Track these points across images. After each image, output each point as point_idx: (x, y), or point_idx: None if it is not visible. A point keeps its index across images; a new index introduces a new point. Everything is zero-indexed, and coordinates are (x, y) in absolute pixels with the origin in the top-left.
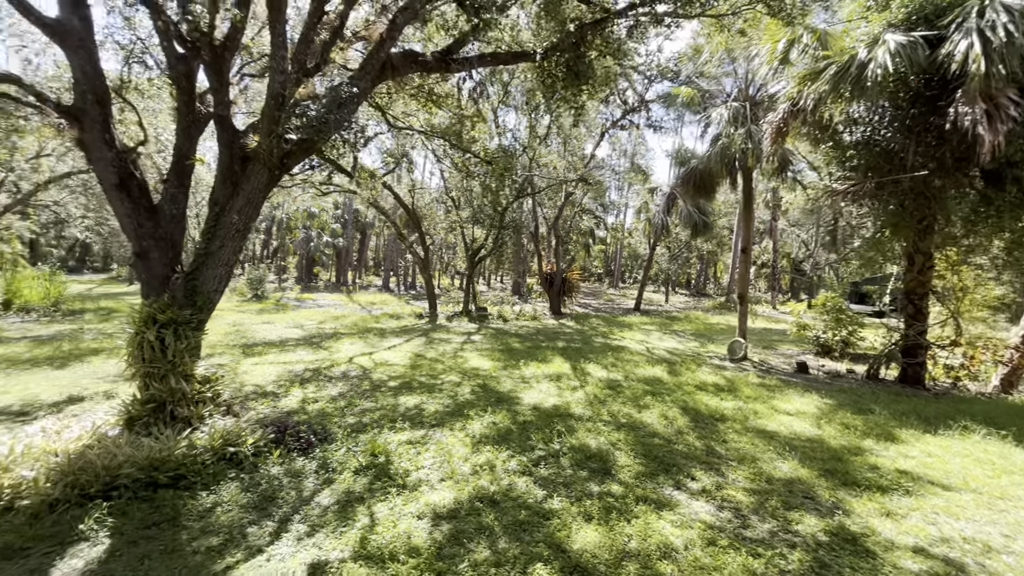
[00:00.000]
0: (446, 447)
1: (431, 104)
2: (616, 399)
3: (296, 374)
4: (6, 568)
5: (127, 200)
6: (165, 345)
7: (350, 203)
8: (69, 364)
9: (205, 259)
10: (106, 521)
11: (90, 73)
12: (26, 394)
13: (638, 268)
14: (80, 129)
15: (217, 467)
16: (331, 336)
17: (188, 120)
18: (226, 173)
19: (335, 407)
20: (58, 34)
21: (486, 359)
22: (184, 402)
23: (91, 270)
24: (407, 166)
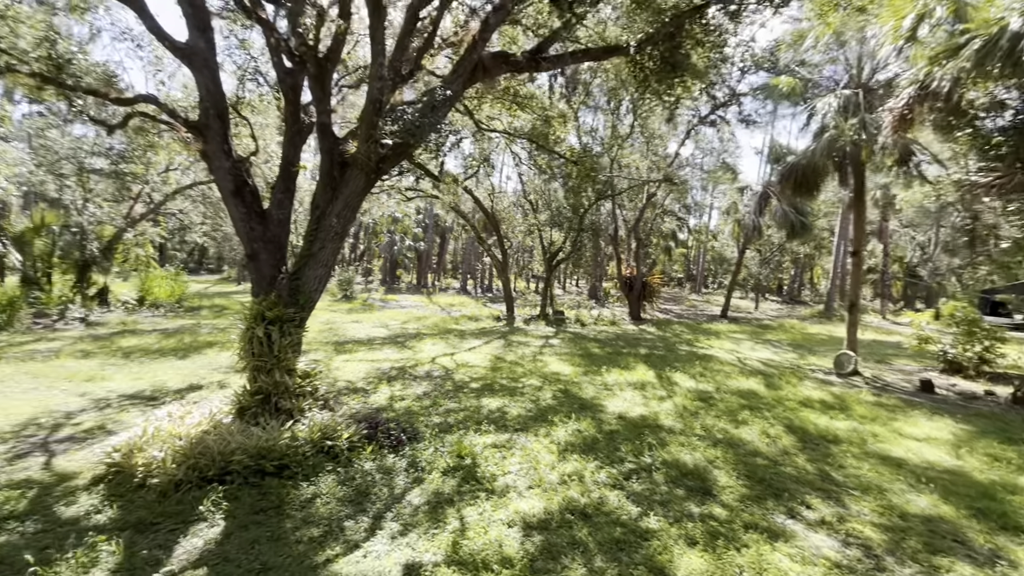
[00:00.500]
0: (532, 453)
1: (515, 107)
2: (709, 412)
3: (384, 372)
4: (139, 541)
5: (241, 205)
6: (271, 341)
7: (431, 208)
8: (189, 355)
9: (307, 260)
10: (221, 504)
11: (212, 90)
12: (156, 381)
13: (723, 273)
14: (204, 141)
15: (316, 459)
16: (414, 336)
17: (294, 130)
18: (326, 179)
19: (421, 406)
20: (187, 56)
21: (566, 364)
22: (287, 395)
23: (207, 271)
24: (487, 170)
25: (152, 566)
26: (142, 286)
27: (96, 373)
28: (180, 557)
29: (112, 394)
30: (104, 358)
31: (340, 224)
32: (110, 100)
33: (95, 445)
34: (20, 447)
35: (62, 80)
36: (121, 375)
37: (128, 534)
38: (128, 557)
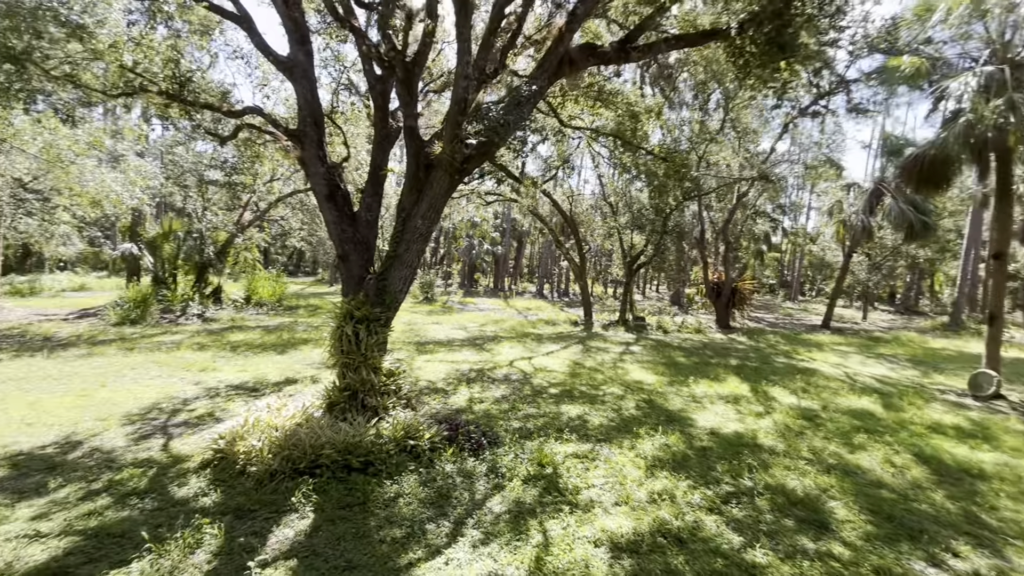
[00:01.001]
0: (617, 467)
1: (598, 103)
2: (816, 433)
3: (463, 373)
4: (238, 527)
5: (334, 209)
6: (359, 339)
7: (508, 213)
8: (287, 351)
9: (393, 261)
10: (311, 497)
11: (310, 99)
12: (258, 374)
13: (823, 279)
14: (301, 148)
15: (399, 458)
16: (492, 339)
17: (382, 135)
18: (412, 181)
19: (499, 409)
20: (288, 68)
21: (649, 372)
22: (372, 392)
23: (303, 273)
24: (566, 172)
25: (248, 553)
26: (248, 286)
27: (209, 364)
28: (272, 546)
29: (221, 384)
30: (216, 351)
31: (425, 226)
32: (223, 113)
33: (205, 431)
34: (144, 429)
35: (184, 97)
36: (229, 367)
37: (229, 519)
38: (227, 542)
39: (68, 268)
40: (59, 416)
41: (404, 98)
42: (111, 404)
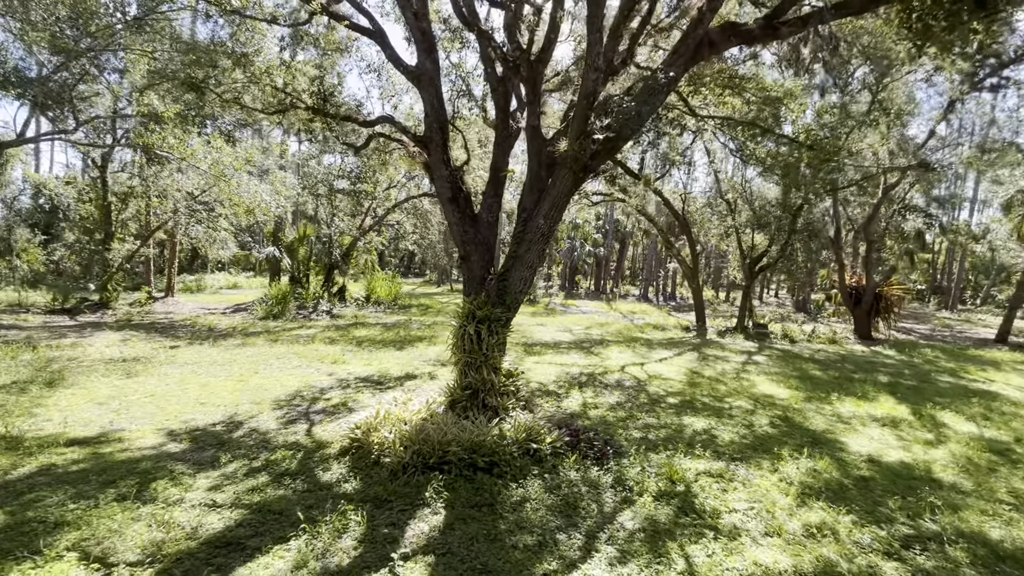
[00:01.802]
0: (760, 491)
1: (728, 91)
2: (1014, 472)
3: (573, 376)
4: (377, 516)
5: (456, 211)
6: (480, 339)
7: (611, 213)
8: (405, 347)
9: (513, 262)
10: (442, 493)
11: (436, 105)
12: (381, 368)
13: (992, 284)
14: (428, 153)
15: (522, 461)
16: (599, 343)
17: (502, 136)
18: (533, 180)
19: (616, 417)
20: (415, 76)
21: (780, 386)
22: (492, 392)
23: (412, 275)
24: (682, 167)
25: (389, 544)
26: (368, 286)
27: (339, 357)
28: (410, 540)
29: (350, 376)
30: (344, 345)
31: (547, 225)
32: (359, 123)
33: (340, 419)
34: (291, 414)
35: (327, 110)
36: (356, 360)
37: (369, 508)
38: (370, 530)
39: (224, 269)
40: (223, 398)
41: (528, 96)
42: (262, 390)
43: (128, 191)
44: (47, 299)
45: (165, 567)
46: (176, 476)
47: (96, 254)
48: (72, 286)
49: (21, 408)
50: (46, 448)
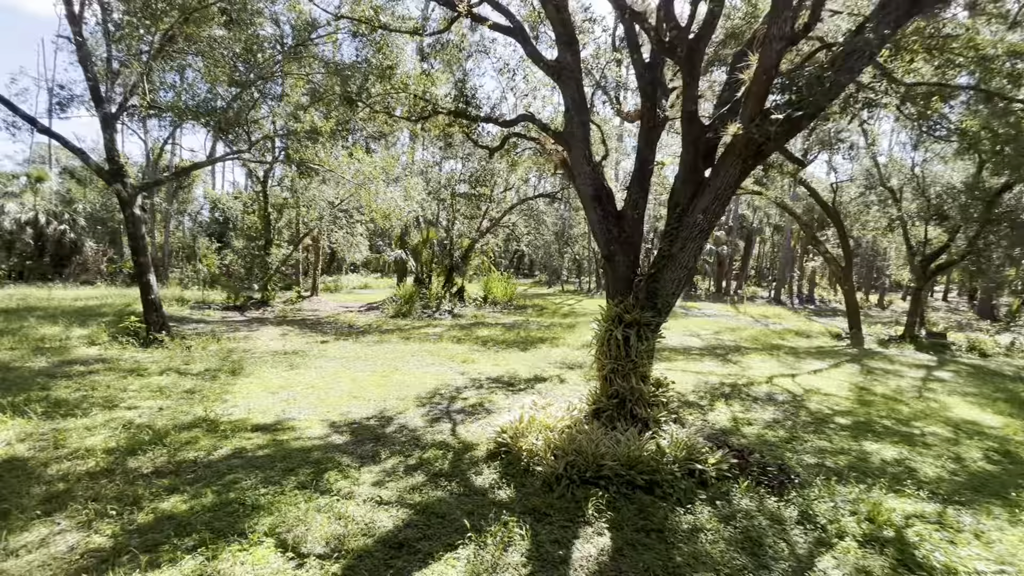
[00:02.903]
0: (1006, 550)
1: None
2: None
3: (713, 387)
4: (539, 530)
5: (599, 208)
6: (629, 345)
7: (735, 208)
8: (528, 348)
9: (666, 262)
10: (603, 512)
11: (577, 100)
12: (509, 369)
13: None
14: (568, 149)
15: (686, 483)
16: (734, 349)
17: (649, 127)
18: (689, 172)
19: (777, 437)
20: (556, 71)
21: (984, 410)
22: (641, 403)
23: (522, 275)
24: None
25: (560, 565)
26: (485, 287)
27: (468, 356)
28: (579, 562)
29: (482, 376)
30: (470, 345)
31: (706, 221)
32: (499, 124)
33: (481, 420)
34: (433, 412)
35: (468, 113)
36: (484, 360)
37: (530, 521)
38: (535, 547)
39: (356, 270)
40: (371, 392)
41: (685, 79)
42: (404, 386)
43: (283, 202)
44: (222, 297)
45: (349, 563)
46: (344, 469)
47: (258, 258)
48: (239, 286)
49: (214, 394)
50: (236, 432)
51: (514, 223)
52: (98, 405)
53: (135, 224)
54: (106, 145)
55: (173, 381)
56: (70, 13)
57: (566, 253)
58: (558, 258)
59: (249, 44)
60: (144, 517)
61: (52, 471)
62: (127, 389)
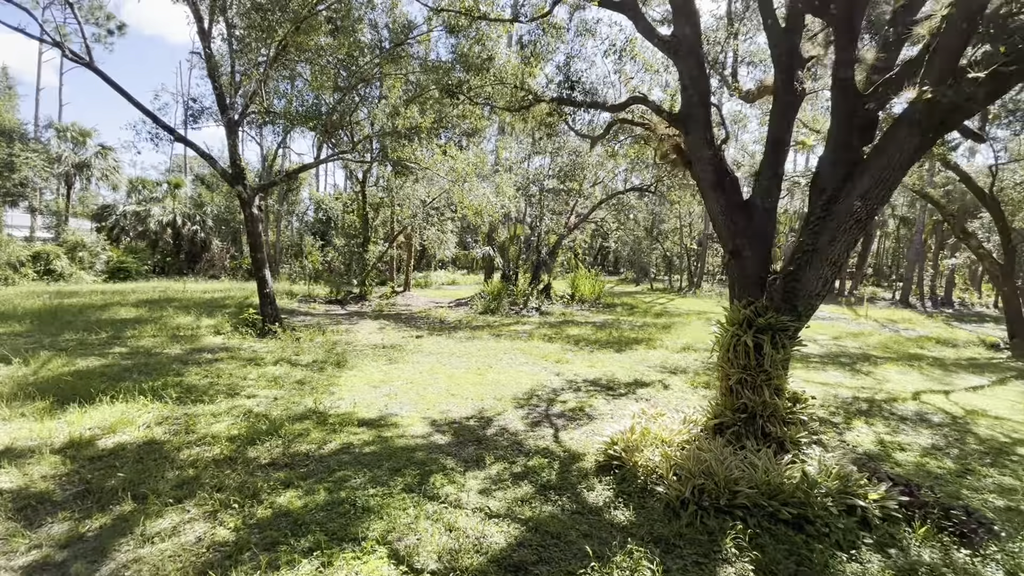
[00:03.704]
0: None
1: None
2: None
3: (845, 401)
4: (670, 564)
5: (721, 197)
6: (761, 352)
7: None
8: (623, 350)
9: (809, 257)
10: (746, 550)
11: (696, 77)
12: (606, 371)
13: None
14: (685, 132)
15: (845, 522)
16: (862, 358)
17: (784, 102)
18: (839, 151)
19: (943, 468)
20: (671, 46)
21: None
22: (775, 420)
23: (606, 272)
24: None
25: None
26: (572, 284)
27: (561, 356)
28: None
29: (578, 378)
30: (561, 344)
31: (866, 209)
32: (606, 109)
33: (583, 427)
34: (533, 415)
35: (573, 98)
36: (578, 360)
37: (658, 553)
38: None
39: (444, 267)
40: (468, 391)
41: (840, 42)
42: (500, 385)
43: (379, 201)
44: (325, 292)
45: None
46: (448, 472)
47: (356, 255)
48: (340, 281)
49: (322, 386)
50: (344, 427)
51: (602, 218)
52: (222, 392)
53: (253, 223)
54: (229, 150)
55: (285, 372)
56: (201, 30)
57: (655, 249)
58: (647, 254)
59: (351, 50)
60: (263, 512)
61: (183, 456)
62: (247, 378)
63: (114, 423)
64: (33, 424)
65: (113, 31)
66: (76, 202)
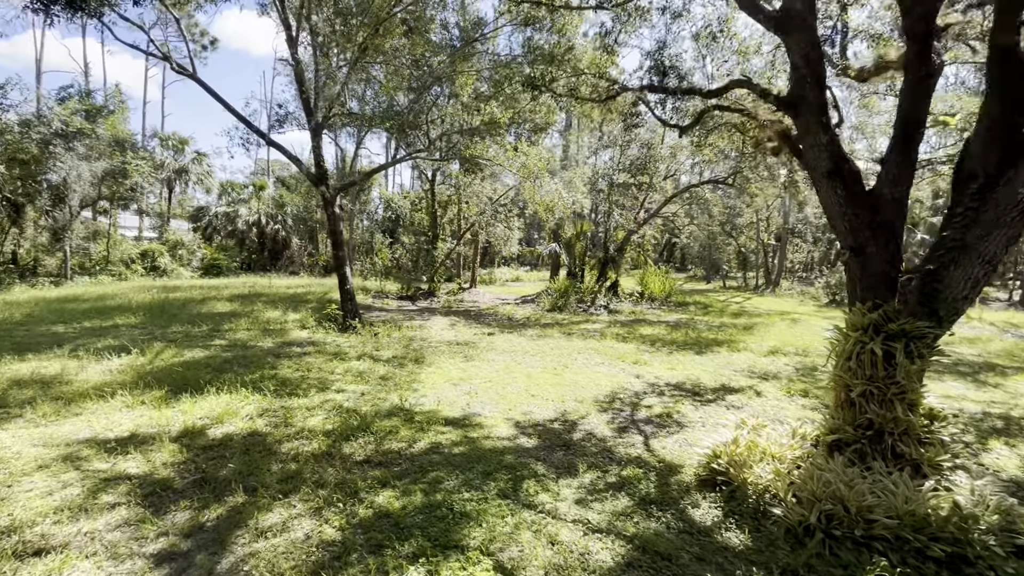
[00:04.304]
0: None
1: None
2: None
3: (974, 417)
4: None
5: (839, 187)
6: (892, 362)
7: None
8: (704, 352)
9: (956, 254)
10: None
11: (810, 55)
12: (689, 375)
13: None
14: (795, 116)
15: (1014, 565)
16: (985, 366)
17: (918, 75)
18: (996, 130)
19: None
20: (780, 23)
21: None
22: (908, 439)
23: (673, 269)
24: None
25: None
26: (641, 281)
27: (638, 357)
28: None
29: (659, 381)
30: (636, 344)
31: None
32: (703, 94)
33: (673, 435)
34: (618, 420)
35: (665, 86)
36: (656, 362)
37: None
38: None
39: (507, 264)
40: (548, 391)
41: (1001, 4)
42: (579, 387)
43: (447, 199)
44: (396, 287)
45: None
46: (540, 479)
47: (424, 252)
48: (409, 277)
49: (404, 382)
50: (431, 425)
51: (674, 213)
52: (314, 387)
53: (335, 221)
54: (313, 152)
55: (369, 367)
56: (289, 37)
57: (729, 245)
58: (721, 250)
59: (424, 50)
60: (364, 511)
61: (285, 449)
62: (334, 372)
63: (220, 414)
64: (152, 412)
65: (207, 46)
66: (175, 204)
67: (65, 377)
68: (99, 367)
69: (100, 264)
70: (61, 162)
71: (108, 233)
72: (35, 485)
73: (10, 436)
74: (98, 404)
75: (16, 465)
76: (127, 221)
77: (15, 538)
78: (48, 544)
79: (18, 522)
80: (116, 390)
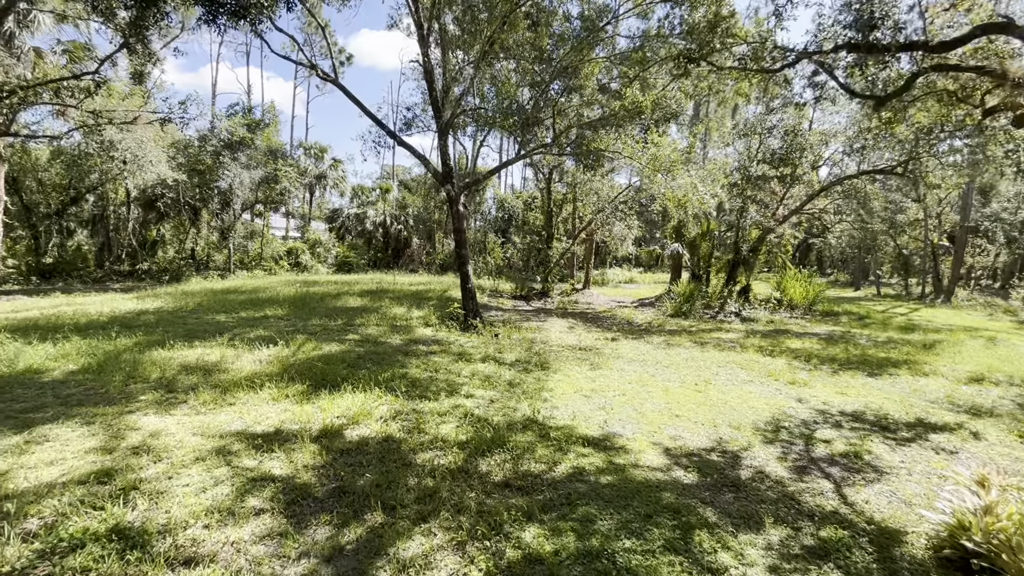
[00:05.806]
0: None
1: None
2: None
3: None
4: None
5: None
6: None
7: None
8: (878, 374)
9: None
10: None
11: None
12: (866, 402)
13: None
14: None
15: None
16: None
17: None
18: None
19: None
20: None
21: None
22: None
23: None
24: None
25: None
26: (779, 286)
27: (792, 377)
28: None
29: (829, 408)
30: (787, 359)
31: None
32: (926, 48)
33: (872, 484)
34: (790, 455)
35: (876, 42)
36: (819, 383)
37: None
38: None
39: (620, 264)
40: (693, 412)
41: None
42: (729, 408)
43: (562, 198)
44: (509, 287)
45: None
46: (714, 530)
47: (536, 252)
48: (522, 277)
49: (532, 390)
50: (569, 444)
51: (821, 209)
52: (443, 390)
53: (459, 219)
54: (440, 150)
55: (494, 371)
56: (420, 36)
57: (888, 246)
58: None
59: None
60: (512, 552)
61: (420, 460)
62: (460, 374)
63: (356, 414)
64: (295, 407)
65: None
66: (315, 207)
67: (223, 365)
68: (251, 356)
69: (255, 260)
70: (228, 170)
71: (262, 232)
72: (191, 480)
73: (176, 423)
74: (248, 395)
75: (178, 455)
76: (276, 222)
77: (169, 541)
78: (198, 552)
79: (173, 522)
80: (264, 381)
